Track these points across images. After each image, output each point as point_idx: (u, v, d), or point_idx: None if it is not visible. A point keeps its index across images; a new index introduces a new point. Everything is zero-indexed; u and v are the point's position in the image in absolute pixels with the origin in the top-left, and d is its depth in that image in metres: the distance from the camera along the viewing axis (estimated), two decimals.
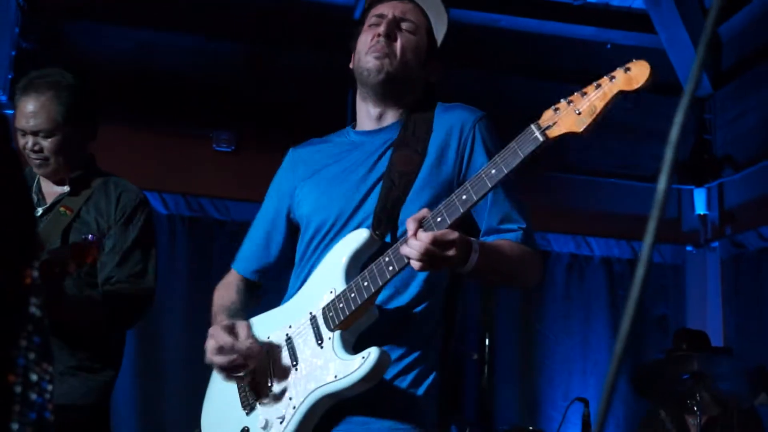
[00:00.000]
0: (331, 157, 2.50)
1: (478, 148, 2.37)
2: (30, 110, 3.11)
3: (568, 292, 6.82)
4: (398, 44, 2.42)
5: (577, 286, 6.84)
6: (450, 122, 2.41)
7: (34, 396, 1.06)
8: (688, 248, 7.00)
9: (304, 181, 2.51)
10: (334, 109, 2.45)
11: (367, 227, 2.28)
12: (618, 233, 6.88)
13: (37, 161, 3.15)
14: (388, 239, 2.27)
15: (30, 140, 3.13)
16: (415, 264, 2.04)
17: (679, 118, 0.86)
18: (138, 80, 6.17)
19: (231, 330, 2.28)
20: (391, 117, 2.47)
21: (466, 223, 2.25)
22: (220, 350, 2.25)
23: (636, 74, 1.92)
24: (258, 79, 6.40)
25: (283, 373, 2.28)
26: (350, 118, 2.62)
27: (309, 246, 2.43)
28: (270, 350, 2.32)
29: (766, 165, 6.34)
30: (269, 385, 2.30)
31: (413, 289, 2.30)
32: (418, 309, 2.30)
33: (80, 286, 3.04)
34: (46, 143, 3.13)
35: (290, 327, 2.31)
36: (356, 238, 2.26)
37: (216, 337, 2.27)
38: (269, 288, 2.65)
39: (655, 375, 4.72)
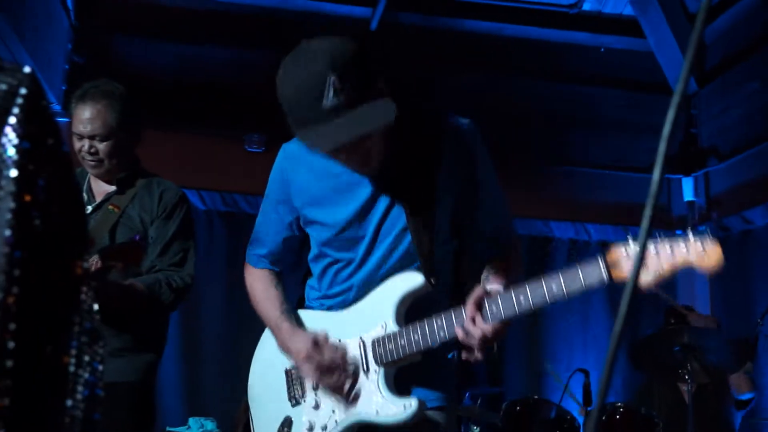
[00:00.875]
0: (325, 164, 2.27)
1: (481, 162, 2.29)
2: (87, 116, 3.14)
3: None
4: (368, 157, 2.15)
5: None
6: (447, 148, 2.24)
7: (86, 375, 1.06)
8: (678, 232, 6.92)
9: (307, 201, 2.34)
10: None
11: (419, 273, 2.22)
12: (613, 220, 6.85)
13: (92, 163, 3.17)
14: (437, 284, 2.25)
15: (86, 144, 3.14)
16: (475, 349, 2.07)
17: (670, 115, 0.85)
18: (177, 89, 6.18)
19: (317, 345, 2.24)
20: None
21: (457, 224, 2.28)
22: (323, 370, 2.22)
23: (709, 256, 1.87)
24: None
25: None
26: None
27: (336, 274, 2.36)
28: None
29: (747, 155, 6.30)
30: (315, 388, 2.32)
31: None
32: (444, 351, 2.31)
33: (125, 275, 3.05)
34: (101, 146, 3.15)
35: (339, 341, 2.29)
36: (411, 281, 2.23)
37: (315, 359, 2.22)
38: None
39: (649, 348, 4.70)
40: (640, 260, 0.86)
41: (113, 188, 3.22)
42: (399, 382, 2.24)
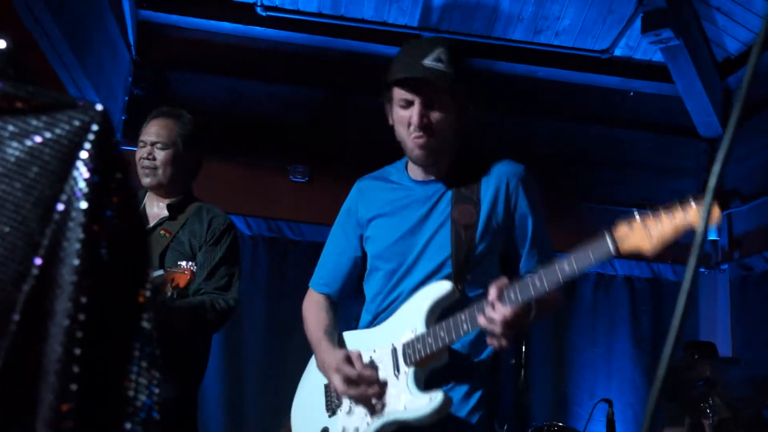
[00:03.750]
0: (393, 201, 2.46)
1: (522, 201, 2.35)
2: (155, 127, 3.22)
3: (595, 306, 6.72)
4: (435, 131, 2.30)
5: (602, 301, 6.73)
6: (497, 176, 2.36)
7: (144, 398, 1.05)
8: (701, 270, 6.86)
9: (371, 219, 2.48)
10: (393, 145, 2.48)
11: (449, 281, 2.27)
12: (638, 256, 6.75)
13: (147, 170, 3.19)
14: (467, 291, 2.28)
15: (147, 150, 3.19)
16: (496, 340, 2.06)
17: (711, 184, 0.83)
18: (228, 121, 6.24)
19: (348, 360, 2.26)
20: (438, 169, 2.41)
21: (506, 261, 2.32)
22: (350, 382, 2.23)
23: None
24: (329, 121, 6.45)
25: None
26: None
27: (384, 286, 2.41)
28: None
29: None
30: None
31: (471, 337, 2.29)
32: (474, 353, 2.31)
33: (173, 297, 3.05)
34: (160, 154, 3.18)
35: (374, 351, 2.31)
36: (440, 288, 2.26)
37: (343, 371, 2.24)
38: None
39: (672, 381, 4.61)
40: (683, 317, 0.84)
41: (165, 213, 3.24)
42: (429, 385, 2.22)
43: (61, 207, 1.01)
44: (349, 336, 2.46)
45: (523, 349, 5.62)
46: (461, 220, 2.31)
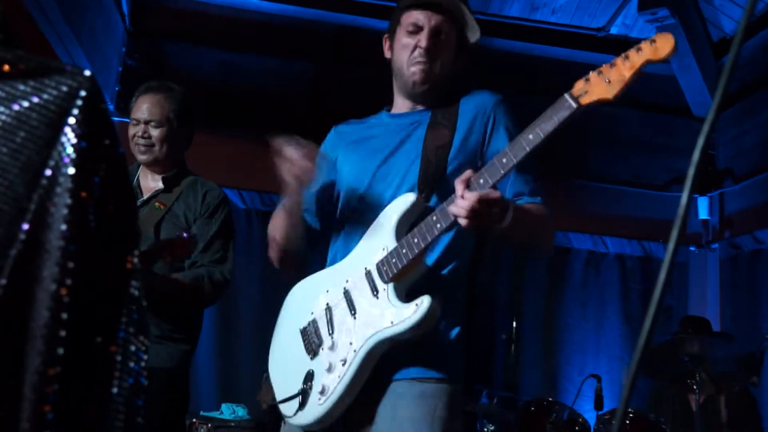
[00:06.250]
0: (365, 134, 2.48)
1: (498, 125, 2.34)
2: (147, 104, 3.18)
3: (586, 284, 6.76)
4: (438, 60, 2.36)
5: (593, 278, 6.77)
6: (474, 104, 2.37)
7: (132, 364, 1.05)
8: (692, 248, 6.90)
9: (342, 154, 2.48)
10: None
11: (413, 192, 2.22)
12: (630, 234, 6.80)
13: (143, 147, 3.18)
14: (432, 203, 2.22)
15: (141, 128, 3.16)
16: (463, 221, 1.96)
17: (696, 156, 0.83)
18: (222, 94, 6.22)
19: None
20: (421, 104, 2.43)
21: None
22: (290, 165, 2.34)
23: (660, 45, 1.78)
24: (323, 94, 6.42)
25: (343, 322, 2.21)
26: None
27: (348, 207, 2.38)
28: (330, 303, 2.28)
29: (762, 178, 6.25)
30: (331, 333, 2.23)
31: (439, 251, 2.24)
32: (444, 269, 2.24)
33: (168, 269, 3.05)
34: (155, 132, 3.16)
35: (347, 281, 2.24)
36: (405, 201, 2.20)
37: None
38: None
39: (660, 356, 4.63)
40: (664, 287, 0.83)
41: (160, 186, 3.23)
42: (412, 297, 2.13)
43: (48, 172, 1.00)
44: (318, 275, 2.39)
45: (514, 325, 5.65)
46: (434, 142, 2.29)
